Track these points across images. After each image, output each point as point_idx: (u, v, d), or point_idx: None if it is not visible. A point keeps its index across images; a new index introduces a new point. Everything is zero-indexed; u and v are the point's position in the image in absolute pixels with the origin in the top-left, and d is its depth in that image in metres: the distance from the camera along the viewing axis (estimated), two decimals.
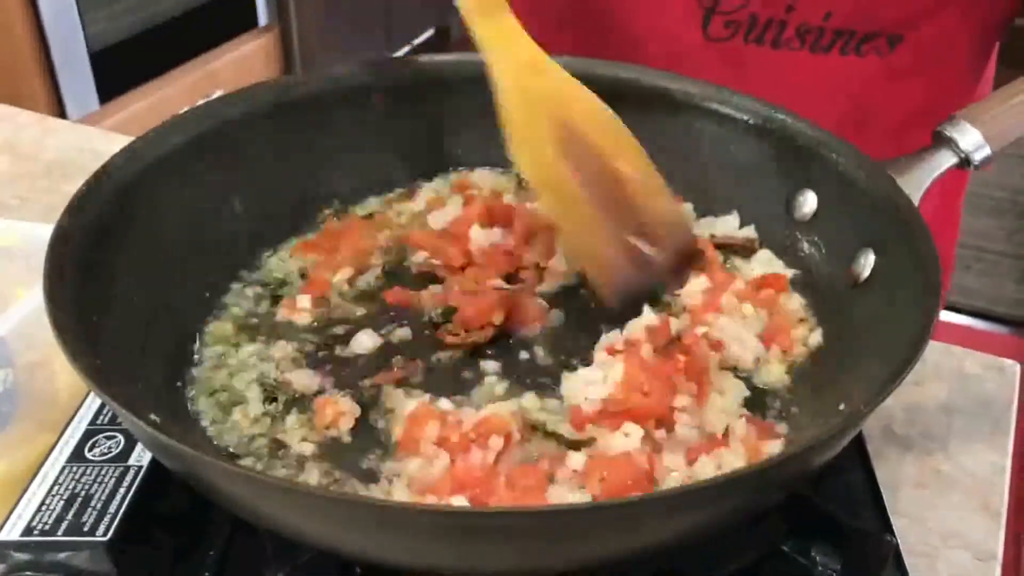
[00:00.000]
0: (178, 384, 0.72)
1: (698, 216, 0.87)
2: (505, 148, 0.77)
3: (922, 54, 0.96)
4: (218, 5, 2.63)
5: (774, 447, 0.67)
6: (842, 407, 0.66)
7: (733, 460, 0.65)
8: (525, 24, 0.78)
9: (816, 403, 0.72)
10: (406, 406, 0.69)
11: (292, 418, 0.70)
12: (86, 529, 0.60)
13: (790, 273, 0.81)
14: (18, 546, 0.59)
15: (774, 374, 0.74)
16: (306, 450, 0.67)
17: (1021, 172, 3.02)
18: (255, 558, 0.64)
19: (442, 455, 0.65)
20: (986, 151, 0.75)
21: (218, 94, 0.84)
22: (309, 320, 0.78)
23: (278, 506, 0.55)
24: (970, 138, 0.75)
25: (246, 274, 0.82)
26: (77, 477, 0.63)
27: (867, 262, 0.74)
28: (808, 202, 0.81)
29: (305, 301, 0.79)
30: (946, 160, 0.75)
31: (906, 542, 0.70)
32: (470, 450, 0.64)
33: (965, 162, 0.75)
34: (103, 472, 0.64)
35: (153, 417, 0.64)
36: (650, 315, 0.74)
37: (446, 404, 0.70)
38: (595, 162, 0.75)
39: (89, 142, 1.17)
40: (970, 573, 0.72)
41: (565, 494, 0.62)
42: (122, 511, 0.61)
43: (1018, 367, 0.90)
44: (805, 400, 0.73)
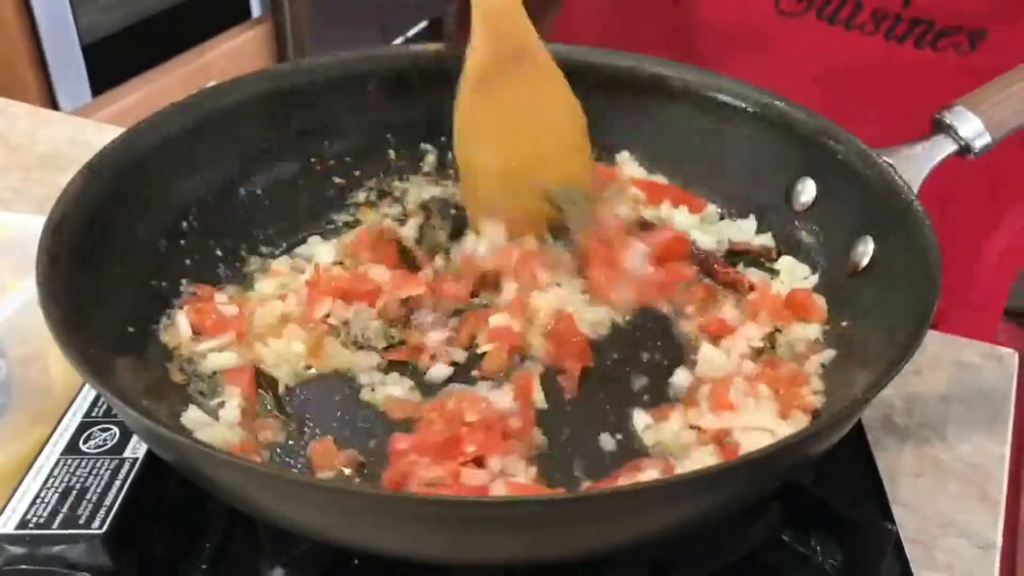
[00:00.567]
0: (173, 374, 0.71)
1: (717, 220, 0.86)
2: None
3: (1007, 54, 0.83)
4: None
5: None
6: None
7: None
8: (593, 4, 0.77)
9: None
10: None
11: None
12: (82, 522, 0.59)
13: (813, 280, 0.78)
14: (13, 539, 0.59)
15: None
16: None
17: None
18: (252, 550, 0.64)
19: None
20: (986, 139, 0.74)
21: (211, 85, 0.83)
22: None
23: (274, 496, 0.54)
24: (970, 126, 0.74)
25: (243, 262, 0.82)
26: (72, 470, 0.63)
27: (866, 250, 0.74)
28: (807, 190, 0.80)
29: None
30: (946, 148, 0.74)
31: (905, 531, 0.69)
32: None
33: (965, 150, 0.74)
34: (98, 464, 0.63)
35: (147, 406, 0.63)
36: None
37: None
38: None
39: (82, 134, 1.16)
40: (969, 561, 0.72)
41: None
42: (118, 504, 0.60)
43: (1016, 356, 0.89)
44: None
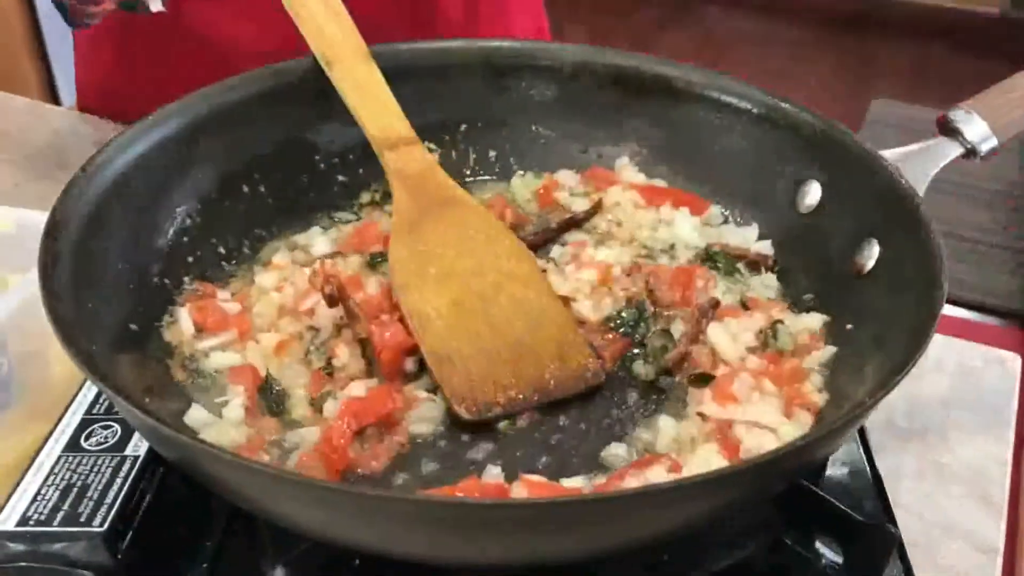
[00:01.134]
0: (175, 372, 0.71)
1: (719, 223, 0.86)
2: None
3: None
4: None
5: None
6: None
7: None
8: None
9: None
10: None
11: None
12: (82, 519, 0.59)
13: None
14: (13, 536, 0.59)
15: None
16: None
17: (1016, 165, 3.02)
18: (252, 549, 0.64)
19: None
20: (992, 142, 0.74)
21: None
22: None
23: (275, 495, 0.54)
24: (976, 128, 0.74)
25: (246, 260, 0.81)
26: (73, 467, 0.62)
27: (871, 252, 0.74)
28: (812, 192, 0.80)
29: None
30: (952, 151, 0.75)
31: (907, 533, 0.69)
32: None
33: (971, 153, 0.74)
34: (99, 462, 0.63)
35: (149, 404, 0.63)
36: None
37: None
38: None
39: (84, 128, 1.16)
40: (970, 564, 0.72)
41: None
42: (119, 501, 0.60)
43: (1019, 360, 0.89)
44: None
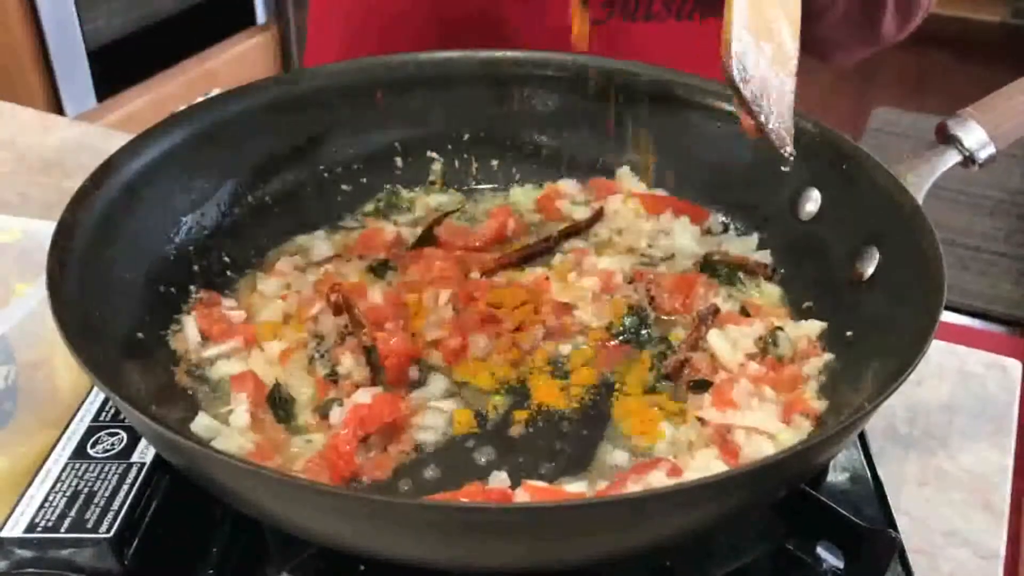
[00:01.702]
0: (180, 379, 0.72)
1: (720, 232, 0.87)
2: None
3: None
4: (216, 3, 2.62)
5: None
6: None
7: None
8: (363, 21, 0.74)
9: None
10: None
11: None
12: (89, 526, 0.60)
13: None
14: (21, 543, 0.59)
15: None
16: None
17: (1019, 173, 3.03)
18: (257, 554, 0.64)
19: None
20: (991, 149, 0.74)
21: (216, 92, 0.84)
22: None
23: (282, 500, 0.55)
24: (975, 136, 0.74)
25: (251, 268, 0.82)
26: (80, 474, 0.63)
27: (871, 260, 0.74)
28: (812, 200, 0.81)
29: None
30: (950, 158, 0.75)
31: (908, 540, 0.69)
32: None
33: (969, 160, 0.75)
34: (106, 469, 0.63)
35: (155, 412, 0.64)
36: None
37: None
38: None
39: (89, 139, 1.17)
40: (972, 571, 0.72)
41: None
42: (125, 508, 0.61)
43: (1020, 366, 0.90)
44: None
